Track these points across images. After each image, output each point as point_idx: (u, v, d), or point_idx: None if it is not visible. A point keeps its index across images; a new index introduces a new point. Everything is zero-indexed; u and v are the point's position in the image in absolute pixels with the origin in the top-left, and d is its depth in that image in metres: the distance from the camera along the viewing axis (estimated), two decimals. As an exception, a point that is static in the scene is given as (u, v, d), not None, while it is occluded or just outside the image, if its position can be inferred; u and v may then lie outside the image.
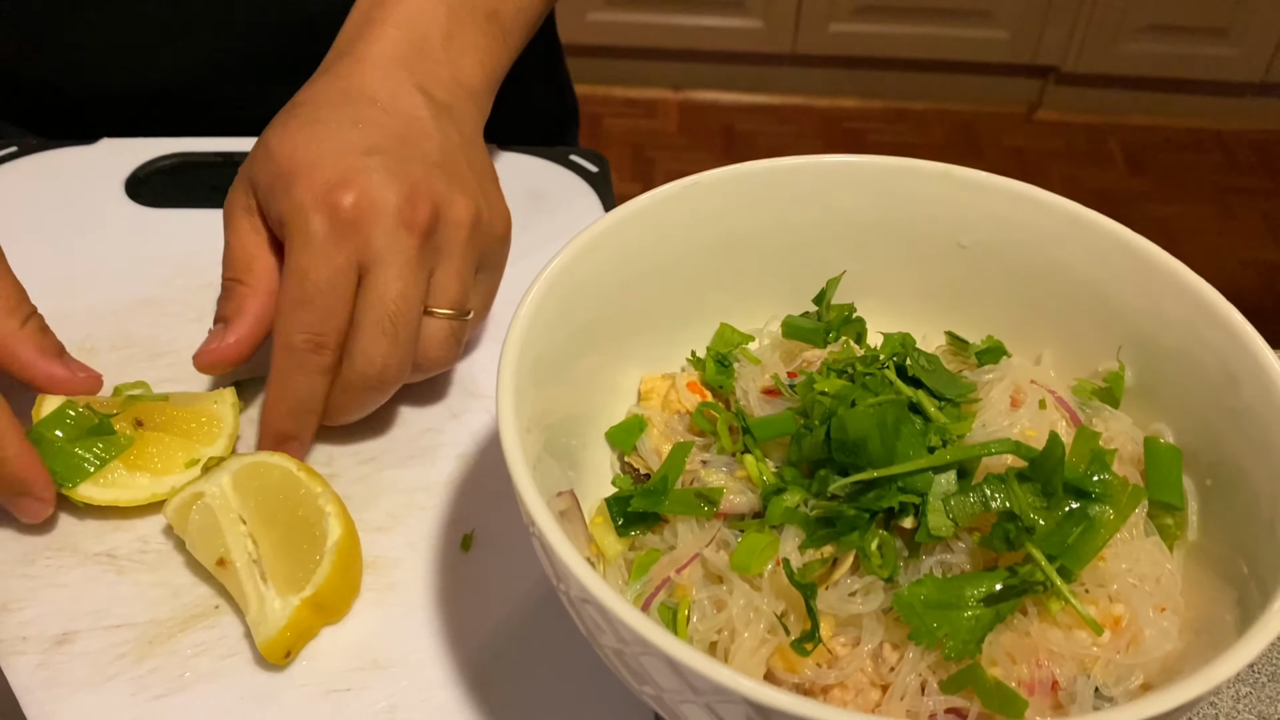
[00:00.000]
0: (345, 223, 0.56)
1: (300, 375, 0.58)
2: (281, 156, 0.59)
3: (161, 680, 0.53)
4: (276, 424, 0.59)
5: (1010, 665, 0.45)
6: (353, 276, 0.57)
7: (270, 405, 0.59)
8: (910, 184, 0.57)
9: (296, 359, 0.57)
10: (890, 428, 0.46)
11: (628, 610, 0.38)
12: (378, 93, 0.62)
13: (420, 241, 0.58)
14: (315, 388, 0.58)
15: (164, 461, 0.59)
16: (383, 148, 0.59)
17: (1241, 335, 0.47)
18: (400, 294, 0.57)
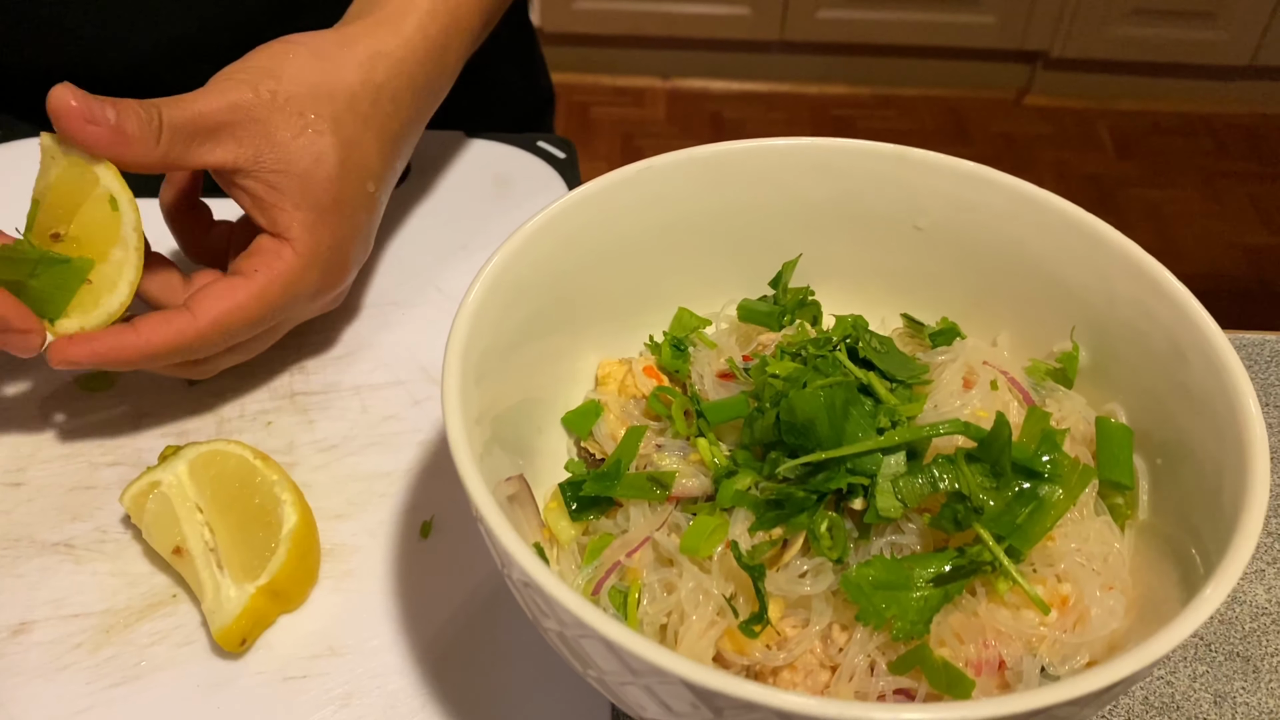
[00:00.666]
0: (305, 298, 0.62)
1: (180, 353, 0.58)
2: (321, 182, 0.61)
3: (118, 669, 0.53)
4: (113, 358, 0.57)
5: (958, 645, 0.45)
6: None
7: (126, 344, 0.57)
8: (866, 166, 0.57)
9: (195, 343, 0.58)
10: (839, 409, 0.46)
11: (565, 593, 0.38)
12: (371, 164, 0.64)
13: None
14: (165, 363, 0.59)
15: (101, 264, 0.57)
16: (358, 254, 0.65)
17: (1190, 312, 0.47)
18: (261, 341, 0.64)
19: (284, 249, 0.60)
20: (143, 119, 0.55)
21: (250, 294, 0.59)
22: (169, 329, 0.57)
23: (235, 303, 0.58)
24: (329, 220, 0.61)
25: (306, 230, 0.60)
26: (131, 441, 0.63)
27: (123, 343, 0.56)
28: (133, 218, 0.56)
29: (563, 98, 2.72)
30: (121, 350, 0.56)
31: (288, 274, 0.60)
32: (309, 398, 0.66)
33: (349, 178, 0.62)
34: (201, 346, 0.58)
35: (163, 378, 0.66)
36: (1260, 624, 0.57)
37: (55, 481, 0.61)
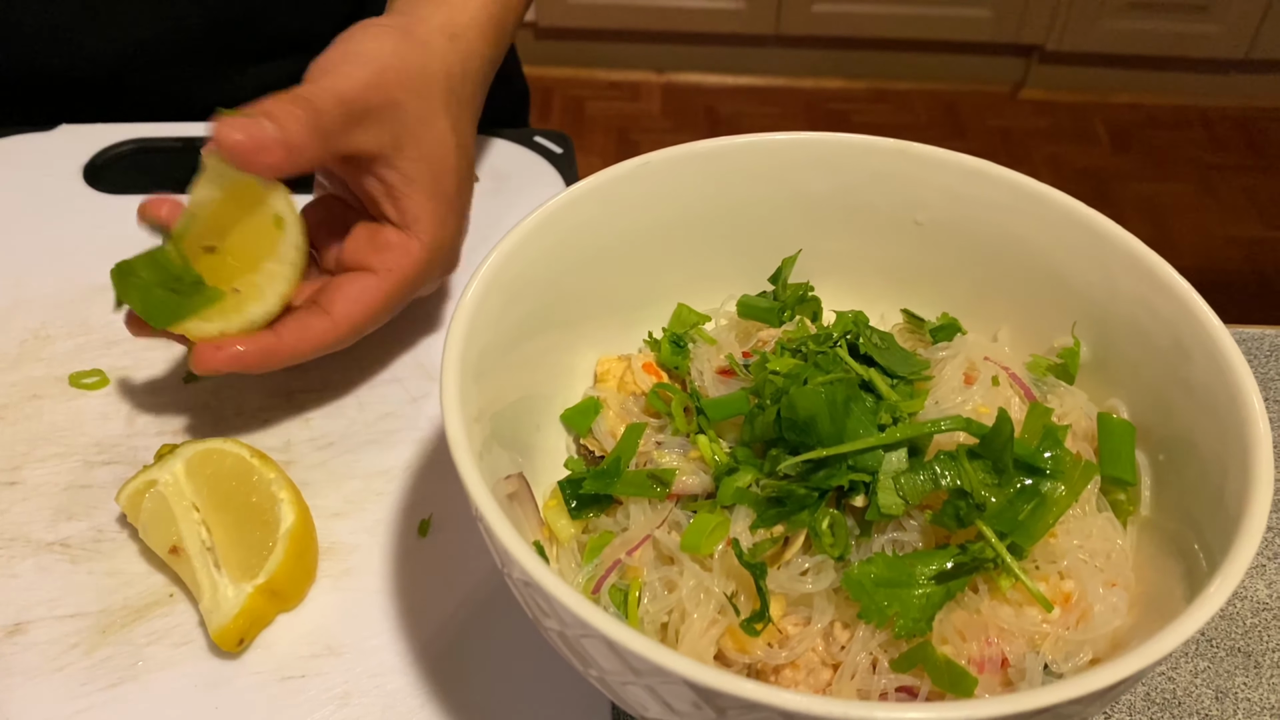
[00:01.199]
0: (431, 280, 0.63)
1: (318, 352, 0.59)
2: (450, 173, 0.61)
3: (114, 669, 0.53)
4: (258, 362, 0.57)
5: (960, 643, 0.44)
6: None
7: (273, 349, 0.57)
8: (866, 161, 0.56)
9: (332, 341, 0.59)
10: (840, 406, 0.46)
11: (566, 592, 0.38)
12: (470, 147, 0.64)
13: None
14: (302, 361, 0.59)
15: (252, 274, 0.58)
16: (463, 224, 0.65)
17: (1192, 307, 0.47)
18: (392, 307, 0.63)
19: (412, 243, 0.60)
20: (303, 120, 0.54)
21: (385, 293, 0.59)
22: (311, 334, 0.58)
23: (372, 303, 0.59)
24: (454, 210, 0.61)
25: (436, 223, 0.60)
26: (127, 440, 0.62)
27: (267, 350, 0.57)
28: (296, 238, 0.58)
29: (557, 92, 2.72)
30: (267, 358, 0.57)
31: (417, 269, 0.60)
32: (305, 395, 0.65)
33: (464, 164, 0.62)
34: (338, 347, 0.60)
35: (161, 374, 0.65)
36: (1261, 619, 0.57)
37: (50, 480, 0.60)
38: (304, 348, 0.58)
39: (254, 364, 0.57)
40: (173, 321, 0.56)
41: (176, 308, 0.56)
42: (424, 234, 0.60)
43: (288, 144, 0.53)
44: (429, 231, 0.60)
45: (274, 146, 0.52)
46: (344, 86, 0.56)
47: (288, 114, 0.53)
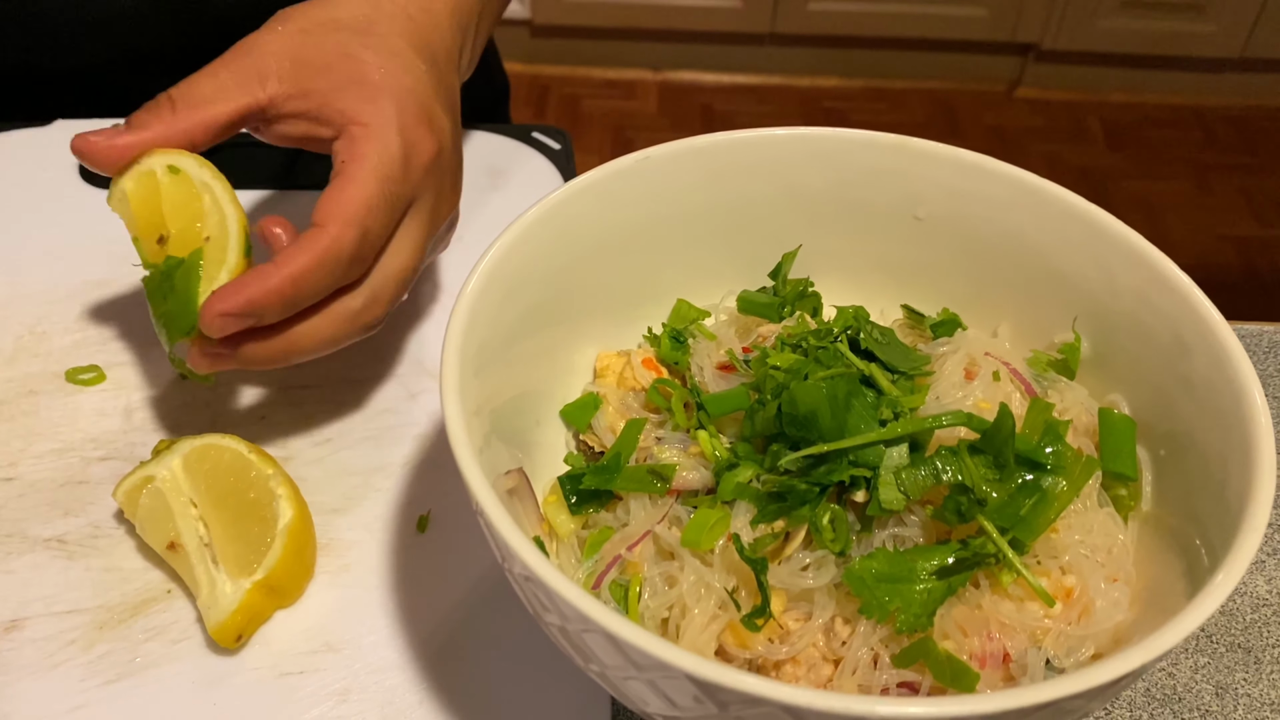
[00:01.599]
0: (423, 164, 0.57)
1: (327, 272, 0.53)
2: (372, 66, 0.57)
3: (112, 666, 0.52)
4: (262, 296, 0.52)
5: (962, 638, 0.44)
6: (405, 212, 0.57)
7: (268, 277, 0.52)
8: (866, 156, 0.56)
9: (339, 253, 0.53)
10: (841, 401, 0.46)
11: (568, 587, 0.38)
12: (439, 58, 0.61)
13: (446, 221, 0.61)
14: (325, 290, 0.54)
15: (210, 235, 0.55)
16: (452, 116, 0.60)
17: (1193, 302, 0.47)
18: (424, 253, 0.59)
19: (352, 130, 0.56)
20: (150, 106, 0.55)
21: (355, 180, 0.54)
22: (302, 247, 0.53)
23: (349, 193, 0.54)
24: (411, 103, 0.57)
25: (365, 101, 0.56)
26: (124, 436, 0.62)
27: (267, 280, 0.52)
28: (198, 171, 0.56)
29: (554, 90, 2.71)
30: (268, 287, 0.52)
31: (371, 146, 0.55)
32: (303, 391, 0.65)
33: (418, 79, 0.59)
34: (344, 254, 0.53)
35: (158, 369, 0.65)
36: (1261, 615, 0.57)
37: (47, 476, 0.60)
38: (302, 262, 0.52)
39: (262, 300, 0.52)
40: (196, 306, 0.53)
41: (188, 297, 0.54)
42: (359, 117, 0.56)
43: (133, 125, 0.55)
44: (363, 112, 0.56)
45: (119, 133, 0.55)
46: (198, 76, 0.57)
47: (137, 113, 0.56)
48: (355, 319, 0.56)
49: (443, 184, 0.59)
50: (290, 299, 0.52)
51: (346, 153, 0.55)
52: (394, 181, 0.55)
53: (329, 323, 0.56)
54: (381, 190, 0.55)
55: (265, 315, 0.53)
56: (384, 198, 0.55)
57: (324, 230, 0.53)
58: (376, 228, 0.55)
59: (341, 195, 0.54)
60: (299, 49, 0.58)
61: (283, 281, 0.52)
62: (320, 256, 0.52)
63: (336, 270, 0.53)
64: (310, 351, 0.56)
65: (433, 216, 0.59)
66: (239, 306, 0.51)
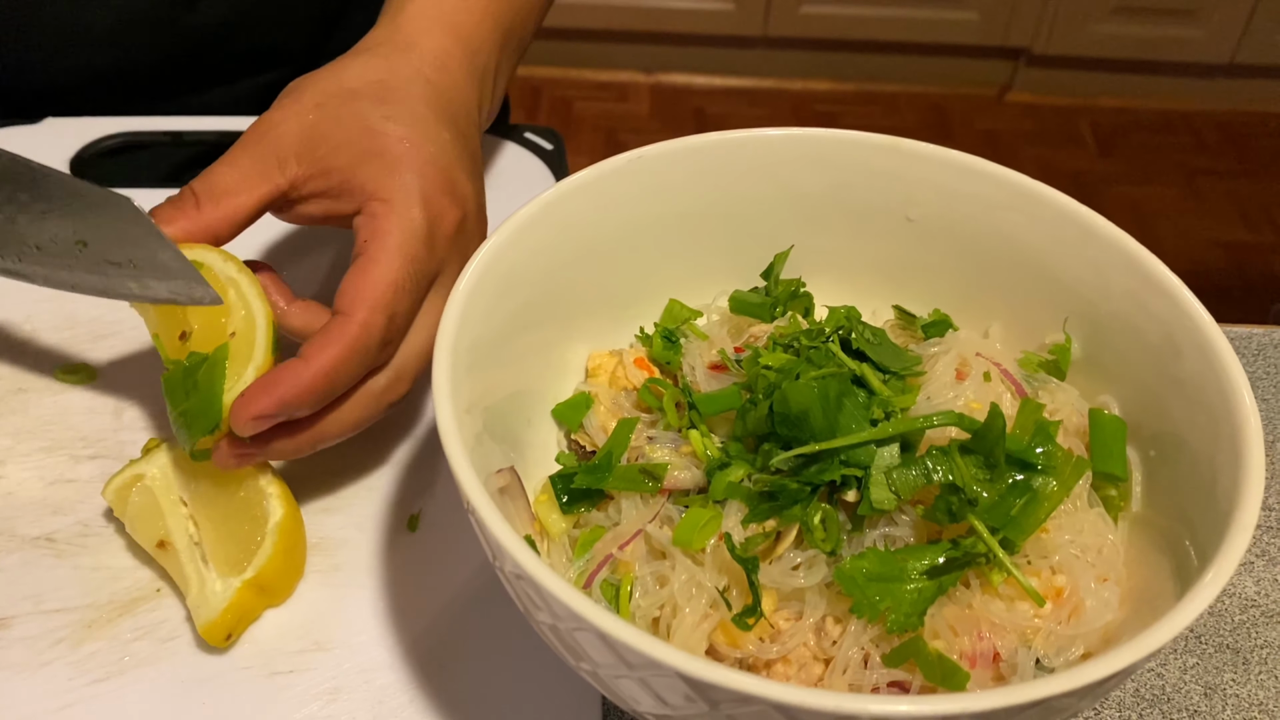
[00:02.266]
0: (447, 235, 0.55)
1: (359, 360, 0.51)
2: (392, 139, 0.55)
3: (100, 665, 0.52)
4: (297, 395, 0.50)
5: (952, 638, 0.44)
6: (430, 286, 0.55)
7: (301, 370, 0.50)
8: (859, 157, 0.56)
9: (369, 341, 0.51)
10: (832, 401, 0.46)
11: (560, 585, 0.38)
12: (459, 118, 0.59)
13: None
14: (356, 376, 0.53)
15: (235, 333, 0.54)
16: (474, 180, 0.58)
17: (1183, 304, 0.47)
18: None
19: (373, 206, 0.54)
20: (173, 200, 0.55)
21: (379, 261, 0.52)
22: (330, 339, 0.51)
23: (374, 276, 0.52)
24: (430, 171, 0.55)
25: (386, 175, 0.55)
26: (113, 434, 0.62)
27: (297, 375, 0.50)
28: (223, 266, 0.54)
29: (545, 92, 2.71)
30: (300, 386, 0.50)
31: (394, 223, 0.53)
32: (294, 390, 0.65)
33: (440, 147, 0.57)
34: (373, 342, 0.52)
35: (147, 368, 0.65)
36: (1249, 616, 0.57)
37: (35, 474, 0.60)
38: (329, 354, 0.50)
39: (292, 397, 0.50)
40: (220, 404, 0.52)
41: (212, 395, 0.52)
42: (379, 192, 0.54)
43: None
44: (382, 186, 0.54)
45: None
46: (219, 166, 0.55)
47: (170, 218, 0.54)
48: (380, 399, 0.55)
49: (468, 250, 0.54)
50: (324, 393, 0.51)
51: (368, 230, 0.54)
52: (419, 260, 0.53)
53: (355, 408, 0.54)
54: (407, 269, 0.53)
55: (299, 411, 0.51)
56: (410, 277, 0.53)
57: (351, 319, 0.51)
58: (405, 308, 0.53)
59: (366, 279, 0.52)
60: (315, 125, 0.56)
61: (315, 378, 0.50)
62: (351, 347, 0.51)
63: (367, 358, 0.52)
64: (337, 437, 0.55)
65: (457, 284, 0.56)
66: (273, 407, 0.50)
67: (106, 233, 0.54)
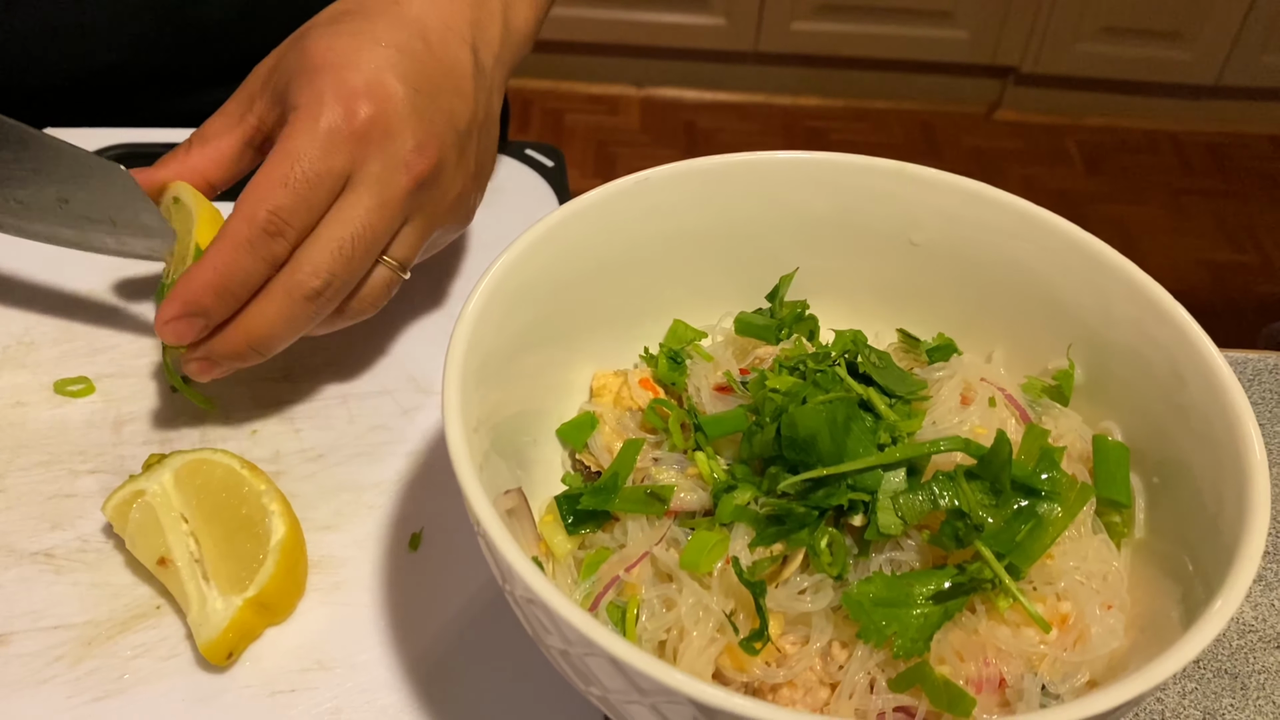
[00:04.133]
0: (354, 131, 0.56)
1: (245, 253, 0.54)
2: (316, 52, 0.57)
3: (99, 683, 0.52)
4: (194, 293, 0.54)
5: (958, 663, 0.44)
6: (338, 186, 0.56)
7: (197, 273, 0.54)
8: (864, 181, 0.57)
9: (250, 234, 0.54)
10: (840, 425, 0.46)
11: (572, 610, 0.38)
12: (430, 28, 0.60)
13: (409, 190, 0.58)
14: (252, 272, 0.55)
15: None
16: (417, 85, 0.58)
17: (1189, 333, 0.48)
18: (370, 225, 0.57)
19: (290, 115, 0.56)
20: (173, 150, 0.61)
21: (269, 160, 0.55)
22: (219, 237, 0.54)
23: (259, 174, 0.54)
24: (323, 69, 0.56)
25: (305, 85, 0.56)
26: (114, 449, 0.61)
27: (193, 278, 0.54)
28: (189, 198, 0.60)
29: (536, 104, 2.72)
30: (195, 284, 0.53)
31: (295, 126, 0.55)
32: (295, 406, 0.65)
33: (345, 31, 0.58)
34: (254, 233, 0.54)
35: (147, 382, 0.65)
36: (1247, 641, 0.58)
37: (34, 489, 0.59)
38: (220, 246, 0.54)
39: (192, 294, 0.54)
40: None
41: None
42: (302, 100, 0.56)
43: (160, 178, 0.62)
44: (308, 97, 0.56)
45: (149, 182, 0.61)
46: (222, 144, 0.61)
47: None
48: (293, 292, 0.56)
49: (392, 151, 0.56)
50: (220, 288, 0.54)
51: (278, 136, 0.56)
52: (306, 158, 0.54)
53: (271, 302, 0.56)
54: (291, 166, 0.54)
55: (209, 311, 0.55)
56: (297, 174, 0.54)
57: (233, 216, 0.54)
58: (288, 202, 0.54)
59: (256, 178, 0.55)
60: (275, 62, 0.60)
61: (206, 274, 0.54)
62: (232, 239, 0.54)
63: (254, 251, 0.54)
64: (270, 334, 0.56)
65: (381, 184, 0.57)
66: (179, 309, 0.54)
67: (91, 193, 0.60)
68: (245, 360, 0.57)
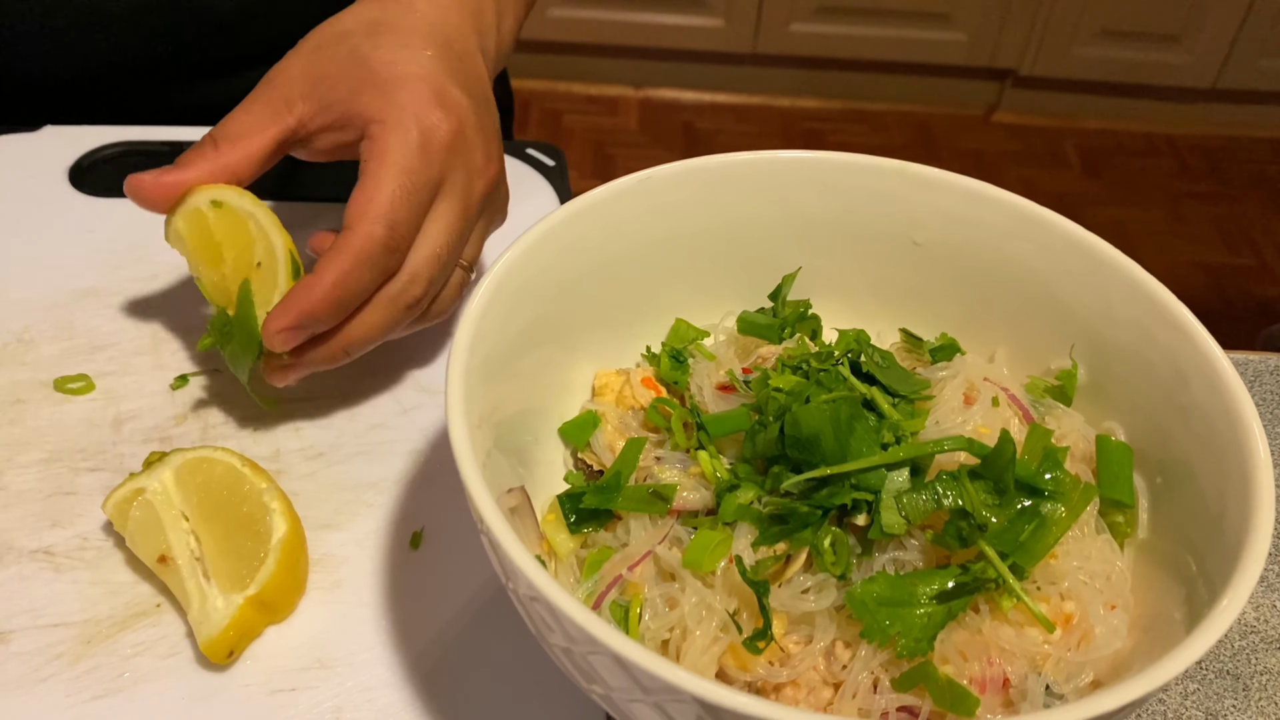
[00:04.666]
0: (443, 143, 0.58)
1: (367, 268, 0.56)
2: (380, 64, 0.59)
3: (99, 681, 0.52)
4: (313, 304, 0.55)
5: (962, 663, 0.44)
6: (433, 196, 0.59)
7: (315, 286, 0.55)
8: (866, 181, 0.57)
9: (373, 249, 0.55)
10: (844, 424, 0.46)
11: (577, 608, 0.38)
12: (453, 41, 0.63)
13: (484, 195, 0.61)
14: (370, 286, 0.57)
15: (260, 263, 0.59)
16: (470, 93, 0.61)
17: (1192, 333, 0.48)
18: (460, 232, 0.60)
19: (372, 129, 0.58)
20: (195, 146, 0.59)
21: (377, 176, 0.56)
22: (338, 252, 0.55)
23: (371, 190, 0.56)
24: (396, 84, 0.59)
25: (380, 99, 0.58)
26: (114, 447, 0.61)
27: (313, 290, 0.55)
28: (239, 201, 0.58)
29: (535, 104, 2.72)
30: (315, 297, 0.55)
31: (389, 141, 0.57)
32: (295, 405, 0.64)
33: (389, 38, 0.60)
34: (376, 249, 0.55)
35: (148, 379, 0.64)
36: (1249, 642, 0.58)
37: (34, 487, 0.59)
38: (337, 264, 0.55)
39: (309, 308, 0.55)
40: (257, 331, 0.57)
41: (250, 326, 0.57)
42: (375, 114, 0.58)
43: (180, 165, 0.59)
44: (389, 111, 0.58)
45: (166, 173, 0.59)
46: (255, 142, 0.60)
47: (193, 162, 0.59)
48: (396, 301, 0.58)
49: (470, 159, 0.60)
50: (338, 302, 0.55)
51: (368, 152, 0.58)
52: (414, 170, 0.57)
53: (375, 312, 0.58)
54: (403, 181, 0.56)
55: (321, 322, 0.56)
56: (406, 188, 0.56)
57: (355, 232, 0.55)
58: (404, 216, 0.56)
59: (365, 194, 0.56)
60: (315, 66, 0.60)
61: (327, 289, 0.55)
62: (356, 256, 0.55)
63: (373, 266, 0.56)
64: (367, 340, 0.59)
65: (465, 191, 0.60)
66: (294, 320, 0.55)
67: None
68: (335, 364, 0.59)
